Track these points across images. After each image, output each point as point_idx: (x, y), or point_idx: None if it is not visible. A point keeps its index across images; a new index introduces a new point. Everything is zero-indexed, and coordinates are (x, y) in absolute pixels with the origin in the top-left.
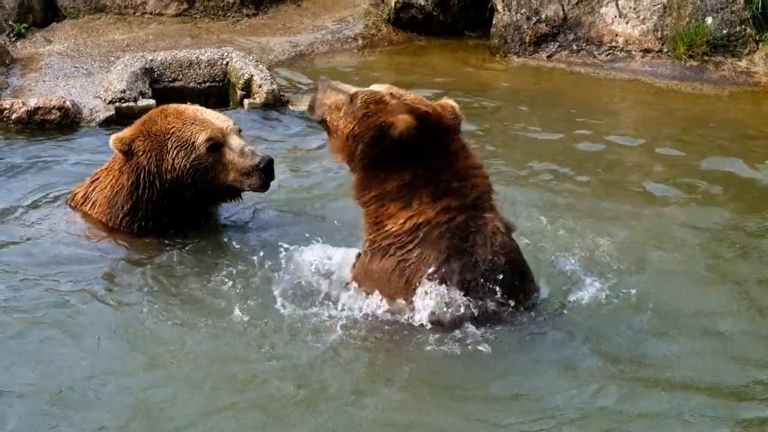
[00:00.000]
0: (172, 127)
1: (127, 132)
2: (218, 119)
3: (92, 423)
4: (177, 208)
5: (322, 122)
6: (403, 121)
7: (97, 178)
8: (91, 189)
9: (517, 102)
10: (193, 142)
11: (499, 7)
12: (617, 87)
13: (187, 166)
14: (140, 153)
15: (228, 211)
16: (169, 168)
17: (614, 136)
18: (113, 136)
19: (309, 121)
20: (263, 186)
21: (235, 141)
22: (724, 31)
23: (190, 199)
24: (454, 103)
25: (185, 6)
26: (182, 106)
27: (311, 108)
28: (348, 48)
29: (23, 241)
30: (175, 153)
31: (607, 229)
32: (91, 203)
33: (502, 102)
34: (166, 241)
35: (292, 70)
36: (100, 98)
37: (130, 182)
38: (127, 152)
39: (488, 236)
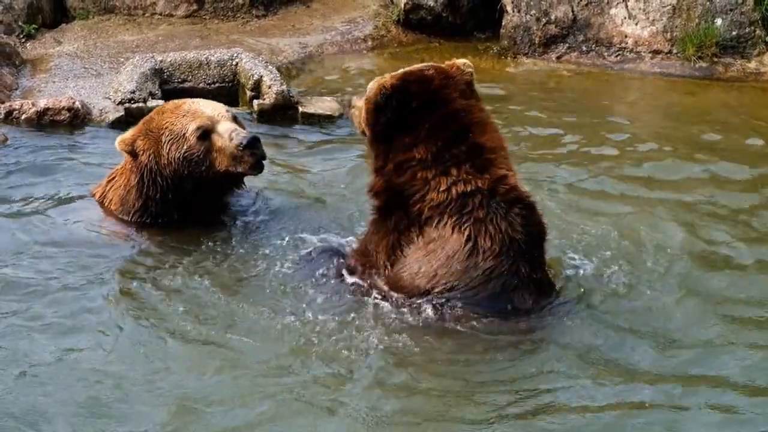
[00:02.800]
0: (166, 122)
1: (129, 132)
2: (209, 107)
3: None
4: (185, 202)
5: (362, 133)
6: (376, 86)
7: (113, 178)
8: (108, 188)
9: (527, 103)
10: (184, 134)
11: (509, 8)
12: (627, 88)
13: (180, 158)
14: (141, 152)
15: (238, 209)
16: (166, 163)
17: (625, 136)
18: (118, 138)
19: (318, 122)
20: (255, 166)
21: (223, 126)
22: (734, 33)
23: (194, 192)
24: (465, 61)
25: (195, 7)
26: (180, 101)
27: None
28: (357, 49)
29: (42, 236)
30: (168, 147)
31: (616, 224)
32: (107, 202)
33: (511, 103)
34: (178, 238)
35: (302, 70)
36: (110, 99)
37: (137, 181)
38: (132, 152)
39: (536, 212)
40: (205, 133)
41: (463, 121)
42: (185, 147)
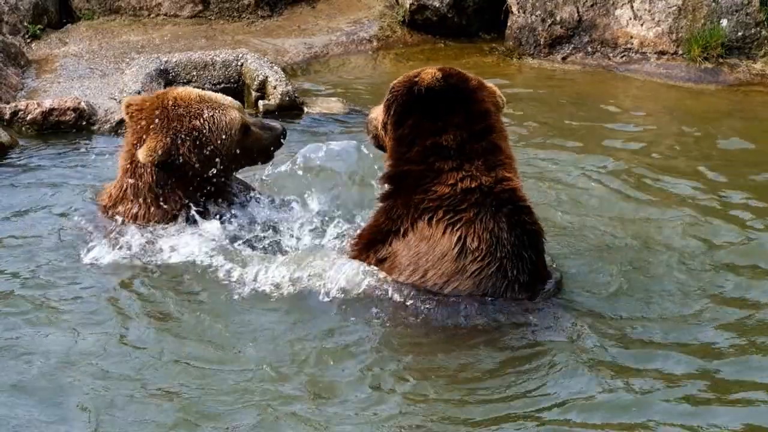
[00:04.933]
0: (192, 114)
1: (157, 143)
2: (227, 99)
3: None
4: (196, 192)
5: (375, 138)
6: (428, 73)
7: (121, 185)
8: (114, 201)
9: (532, 103)
10: (224, 127)
11: (514, 9)
12: (632, 88)
13: (223, 151)
14: (181, 152)
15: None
16: (200, 156)
17: (630, 138)
18: (145, 152)
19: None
20: (278, 145)
21: (252, 118)
22: (739, 34)
23: (207, 183)
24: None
25: (200, 8)
26: (181, 91)
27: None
28: (362, 50)
29: (58, 240)
30: (210, 143)
31: (617, 225)
32: (123, 210)
33: (517, 103)
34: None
35: (307, 71)
36: (115, 99)
37: (151, 181)
38: (167, 163)
39: (531, 214)
40: (244, 126)
41: (489, 122)
42: (229, 141)
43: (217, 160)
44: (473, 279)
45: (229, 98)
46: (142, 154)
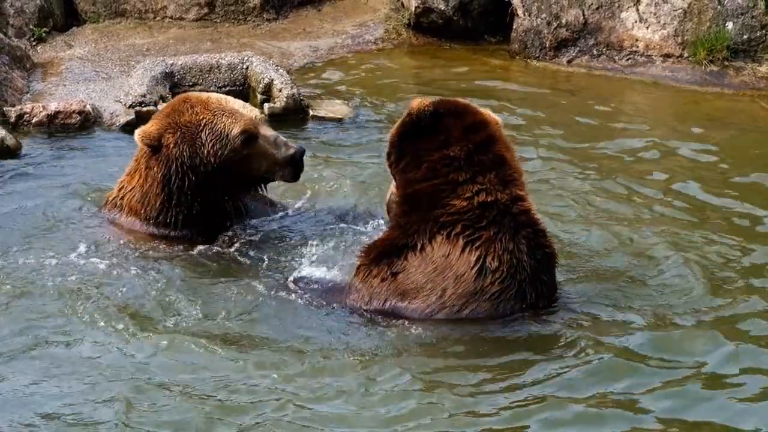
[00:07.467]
0: (203, 119)
1: (153, 126)
2: (245, 108)
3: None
4: (208, 200)
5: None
6: (416, 101)
7: (123, 186)
8: (119, 195)
9: (537, 106)
10: (227, 135)
11: (520, 12)
12: (637, 91)
13: (222, 158)
14: (171, 145)
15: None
16: (204, 161)
17: (634, 140)
18: (138, 131)
19: (328, 126)
20: (295, 176)
21: (267, 131)
22: (745, 36)
23: (220, 190)
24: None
25: (206, 10)
26: (204, 95)
27: None
28: (368, 52)
29: (60, 252)
30: (210, 146)
31: (620, 229)
32: (126, 208)
33: (522, 106)
34: (197, 250)
35: (312, 74)
36: (121, 102)
37: (161, 175)
38: (155, 147)
39: (546, 237)
40: (250, 137)
41: (490, 132)
42: (228, 148)
43: (211, 165)
44: (492, 301)
45: (249, 108)
46: (136, 134)
